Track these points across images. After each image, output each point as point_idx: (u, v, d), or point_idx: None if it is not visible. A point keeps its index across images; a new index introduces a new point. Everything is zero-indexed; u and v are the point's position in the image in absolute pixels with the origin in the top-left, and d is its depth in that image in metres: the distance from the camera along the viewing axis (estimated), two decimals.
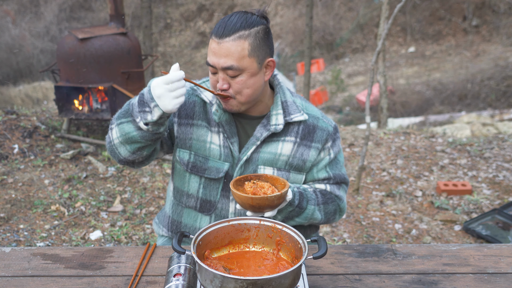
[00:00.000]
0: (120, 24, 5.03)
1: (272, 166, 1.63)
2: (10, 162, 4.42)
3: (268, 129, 1.60)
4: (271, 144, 1.62)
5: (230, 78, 1.49)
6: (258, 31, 1.47)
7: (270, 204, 1.42)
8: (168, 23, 20.11)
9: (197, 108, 1.65)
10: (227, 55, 1.45)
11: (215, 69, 1.49)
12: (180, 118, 1.65)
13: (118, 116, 1.53)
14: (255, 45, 1.47)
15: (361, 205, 4.01)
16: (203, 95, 1.64)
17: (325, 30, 18.22)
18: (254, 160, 1.62)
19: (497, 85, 12.90)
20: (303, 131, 1.64)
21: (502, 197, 4.10)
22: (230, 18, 1.46)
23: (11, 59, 14.85)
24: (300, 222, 1.65)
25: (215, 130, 1.63)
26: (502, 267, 1.47)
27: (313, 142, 1.65)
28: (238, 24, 1.45)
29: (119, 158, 1.59)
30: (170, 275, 1.30)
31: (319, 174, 1.68)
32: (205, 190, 1.66)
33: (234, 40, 1.44)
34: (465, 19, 16.83)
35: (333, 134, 1.68)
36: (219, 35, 1.45)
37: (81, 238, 3.43)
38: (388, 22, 4.17)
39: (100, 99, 4.79)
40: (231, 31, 1.44)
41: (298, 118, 1.61)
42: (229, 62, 1.45)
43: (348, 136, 5.58)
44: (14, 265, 1.46)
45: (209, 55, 1.49)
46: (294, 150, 1.63)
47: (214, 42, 1.46)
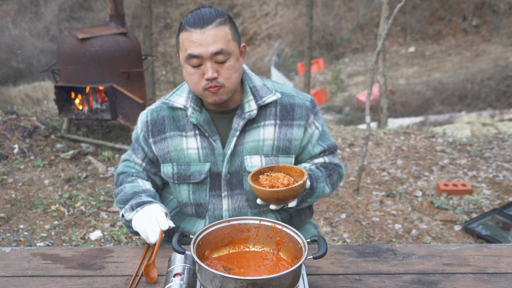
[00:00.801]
0: (120, 24, 5.03)
1: (258, 153, 1.63)
2: (10, 162, 4.42)
3: (243, 117, 1.60)
4: (252, 132, 1.63)
5: (218, 65, 1.48)
6: (229, 18, 1.51)
7: (294, 194, 1.42)
8: (168, 23, 20.11)
9: (167, 121, 1.66)
10: (214, 41, 1.45)
11: (201, 59, 1.47)
12: (154, 137, 1.67)
13: (119, 200, 1.66)
14: (233, 30, 1.50)
15: (361, 205, 4.01)
16: (176, 103, 1.63)
17: (325, 30, 18.22)
18: (239, 152, 1.63)
19: (497, 85, 12.90)
20: (281, 112, 1.65)
21: (502, 197, 4.10)
22: (201, 11, 1.48)
23: (11, 59, 14.85)
24: (312, 201, 1.69)
25: (190, 134, 1.64)
26: (502, 267, 1.47)
27: (294, 120, 1.65)
28: (214, 13, 1.47)
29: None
30: (170, 275, 1.30)
31: (315, 149, 1.72)
32: (194, 195, 1.68)
33: (216, 26, 1.46)
34: (465, 19, 16.83)
35: (312, 108, 1.69)
36: (200, 25, 1.45)
37: (81, 238, 3.43)
38: (388, 22, 4.17)
39: (100, 99, 4.79)
40: (210, 19, 1.45)
41: (271, 99, 1.61)
42: (219, 46, 1.45)
43: (348, 136, 5.58)
44: (14, 265, 1.46)
45: (191, 47, 1.46)
46: (277, 132, 1.64)
47: (196, 33, 1.45)
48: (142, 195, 1.61)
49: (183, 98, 1.64)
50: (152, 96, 7.34)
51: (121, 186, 1.69)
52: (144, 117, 1.71)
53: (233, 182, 1.65)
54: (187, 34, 1.47)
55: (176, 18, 20.37)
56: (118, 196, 1.66)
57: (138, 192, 1.62)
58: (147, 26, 6.95)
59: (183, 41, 1.49)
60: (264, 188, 1.41)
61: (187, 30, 1.47)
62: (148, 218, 1.49)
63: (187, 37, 1.47)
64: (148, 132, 1.68)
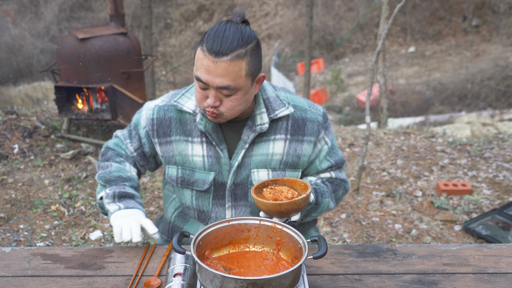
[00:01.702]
0: (120, 24, 5.03)
1: (265, 167, 1.60)
2: (10, 162, 4.42)
3: (254, 130, 1.55)
4: (262, 145, 1.58)
5: (223, 96, 1.43)
6: (253, 48, 1.40)
7: (297, 208, 1.40)
8: (168, 23, 20.11)
9: (173, 124, 1.61)
10: (223, 75, 1.37)
11: (205, 85, 1.42)
12: (159, 138, 1.62)
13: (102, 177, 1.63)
14: (251, 64, 1.41)
15: (361, 205, 4.01)
16: (185, 107, 1.58)
17: (325, 30, 18.22)
18: (246, 164, 1.59)
19: (497, 85, 12.90)
20: (293, 126, 1.60)
21: (502, 197, 4.10)
22: (225, 33, 1.37)
23: (11, 59, 14.85)
24: (316, 216, 1.67)
25: (197, 141, 1.59)
26: (502, 267, 1.47)
27: (305, 136, 1.61)
28: (235, 42, 1.36)
29: None
30: (170, 275, 1.30)
31: (322, 165, 1.68)
32: (197, 201, 1.66)
33: (231, 60, 1.36)
34: (465, 19, 16.83)
35: (323, 122, 1.64)
36: (214, 52, 1.35)
37: (81, 238, 3.43)
38: (388, 22, 4.16)
39: (100, 99, 4.79)
40: (229, 49, 1.35)
41: (284, 113, 1.56)
42: (226, 82, 1.38)
43: (348, 136, 5.58)
44: (14, 265, 1.46)
45: (200, 70, 1.40)
46: (287, 147, 1.59)
47: (208, 60, 1.36)
48: (126, 184, 1.59)
49: (192, 102, 1.59)
50: (152, 96, 7.33)
51: (108, 162, 1.66)
52: (150, 113, 1.64)
53: (238, 194, 1.62)
54: (202, 55, 1.39)
55: (176, 18, 20.37)
56: (101, 171, 1.63)
57: (123, 178, 1.60)
58: (147, 26, 6.95)
59: (197, 58, 1.41)
60: (266, 201, 1.39)
61: (203, 50, 1.38)
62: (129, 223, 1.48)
63: (200, 57, 1.39)
64: (153, 131, 1.63)
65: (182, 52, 18.70)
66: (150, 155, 1.70)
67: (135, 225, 1.47)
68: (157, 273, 1.41)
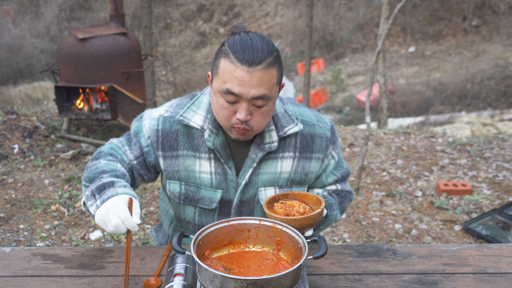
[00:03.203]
0: (120, 24, 5.03)
1: (273, 185, 1.57)
2: (10, 162, 4.42)
3: (262, 148, 1.51)
4: (270, 163, 1.54)
5: (254, 107, 1.38)
6: (278, 55, 1.38)
7: (312, 223, 1.39)
8: (168, 23, 20.11)
9: (181, 138, 1.53)
10: (259, 84, 1.33)
11: (238, 98, 1.35)
12: (164, 151, 1.54)
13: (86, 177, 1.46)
14: (279, 71, 1.39)
15: (361, 205, 4.01)
16: (192, 122, 1.50)
17: (325, 30, 18.23)
18: (254, 183, 1.55)
19: (497, 85, 12.91)
20: (301, 143, 1.56)
21: (502, 197, 4.10)
22: (253, 42, 1.33)
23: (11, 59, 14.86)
24: (323, 228, 1.65)
25: (204, 157, 1.52)
26: (502, 267, 1.47)
27: (314, 153, 1.58)
28: (265, 50, 1.33)
29: None
30: (170, 275, 1.30)
31: (329, 179, 1.66)
32: (200, 218, 1.61)
33: (265, 68, 1.33)
34: (465, 19, 16.83)
35: (331, 137, 1.61)
36: (249, 62, 1.31)
37: (81, 238, 3.43)
38: (388, 22, 4.16)
39: (100, 99, 4.79)
40: (261, 58, 1.32)
41: (293, 130, 1.52)
42: (262, 91, 1.34)
43: (348, 136, 5.58)
44: (14, 265, 1.46)
45: (232, 82, 1.33)
46: (295, 165, 1.56)
47: (242, 70, 1.31)
48: (103, 176, 1.40)
49: (200, 117, 1.51)
50: (152, 96, 7.33)
51: (96, 160, 1.50)
52: (154, 123, 1.54)
53: (243, 211, 1.59)
54: (231, 66, 1.32)
55: (176, 18, 20.37)
56: (87, 171, 1.46)
57: (105, 171, 1.42)
58: (147, 26, 6.96)
59: (224, 70, 1.34)
60: (281, 216, 1.38)
61: (232, 61, 1.32)
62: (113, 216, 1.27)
63: (230, 69, 1.33)
64: (158, 144, 1.53)
65: (182, 52, 18.71)
66: (153, 165, 1.59)
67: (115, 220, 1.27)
68: (157, 273, 1.41)
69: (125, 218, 1.26)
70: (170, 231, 1.76)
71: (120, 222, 1.26)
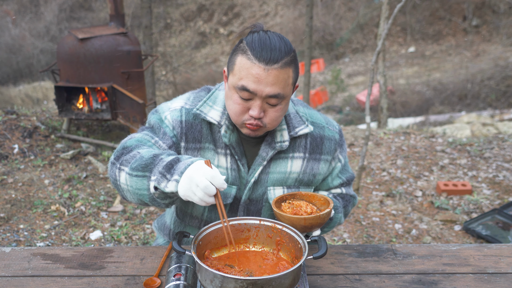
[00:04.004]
0: (120, 24, 5.03)
1: (282, 185, 1.57)
2: (10, 162, 4.42)
3: (273, 147, 1.51)
4: (280, 163, 1.55)
5: (268, 106, 1.38)
6: (295, 56, 1.38)
7: (321, 222, 1.39)
8: (168, 23, 20.11)
9: (204, 130, 1.51)
10: (274, 83, 1.33)
11: (252, 95, 1.35)
12: (187, 143, 1.51)
13: (136, 166, 1.32)
14: (295, 71, 1.39)
15: (361, 205, 4.01)
16: (209, 116, 1.49)
17: (325, 30, 18.23)
18: (263, 181, 1.55)
19: (497, 85, 12.91)
20: (311, 145, 1.57)
21: (502, 197, 4.10)
22: (271, 41, 1.34)
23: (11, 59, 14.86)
24: (327, 231, 1.65)
25: (222, 152, 1.52)
26: (502, 267, 1.47)
27: (322, 155, 1.59)
28: (283, 49, 1.34)
29: (126, 200, 1.47)
30: (170, 275, 1.30)
31: (334, 182, 1.67)
32: (210, 213, 1.60)
33: (282, 67, 1.33)
34: (465, 19, 16.83)
35: (339, 140, 1.63)
36: (266, 60, 1.31)
37: (81, 238, 3.43)
38: (388, 22, 4.16)
39: (100, 99, 4.79)
40: (279, 57, 1.32)
41: (303, 131, 1.53)
42: (276, 90, 1.34)
43: (348, 136, 5.58)
44: (14, 265, 1.46)
45: (247, 79, 1.33)
46: (304, 166, 1.57)
47: (259, 68, 1.32)
48: (162, 156, 1.32)
49: (217, 112, 1.50)
50: (152, 96, 7.33)
51: (132, 152, 1.39)
52: (177, 114, 1.51)
53: (251, 209, 1.59)
54: (248, 63, 1.33)
55: (176, 18, 20.37)
56: (131, 162, 1.34)
57: (158, 154, 1.33)
58: (147, 26, 6.96)
59: (241, 67, 1.34)
60: (291, 215, 1.38)
61: (249, 58, 1.33)
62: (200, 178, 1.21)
63: (247, 66, 1.33)
64: (182, 135, 1.50)
65: (182, 52, 18.71)
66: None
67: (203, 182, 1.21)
68: (157, 273, 1.41)
69: (212, 176, 1.22)
70: (172, 225, 1.76)
71: (208, 182, 1.21)
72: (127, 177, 1.35)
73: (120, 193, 1.44)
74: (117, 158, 1.41)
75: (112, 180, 1.43)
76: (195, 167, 1.24)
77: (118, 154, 1.42)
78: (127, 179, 1.35)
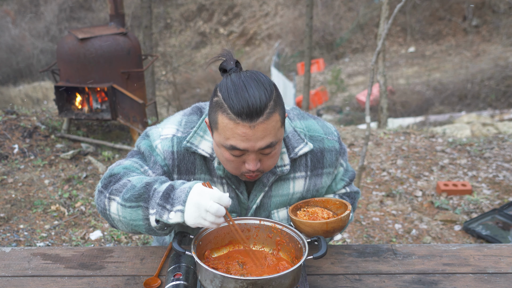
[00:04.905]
0: (120, 24, 5.03)
1: (285, 206, 1.55)
2: (10, 162, 4.42)
3: (274, 172, 1.46)
4: (281, 185, 1.51)
5: (263, 155, 1.32)
6: (277, 95, 1.28)
7: (342, 225, 1.37)
8: (168, 23, 20.12)
9: (198, 161, 1.45)
10: (264, 136, 1.25)
11: (243, 151, 1.29)
12: (180, 174, 1.45)
13: (129, 197, 1.27)
14: (281, 112, 1.30)
15: (361, 205, 4.01)
16: (200, 149, 1.42)
17: (325, 30, 18.23)
18: (266, 206, 1.52)
19: (497, 85, 12.91)
20: (312, 161, 1.53)
21: (502, 197, 4.10)
22: (249, 91, 1.22)
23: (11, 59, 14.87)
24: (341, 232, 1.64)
25: (218, 181, 1.47)
26: (502, 267, 1.47)
27: (324, 168, 1.55)
28: (264, 97, 1.22)
29: (116, 228, 1.40)
30: (170, 275, 1.30)
31: (338, 185, 1.66)
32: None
33: (267, 117, 1.24)
34: (465, 19, 16.84)
35: (340, 149, 1.58)
36: (249, 117, 1.22)
37: (81, 238, 3.43)
38: (388, 22, 4.17)
39: (100, 99, 4.79)
40: (261, 109, 1.22)
41: (303, 150, 1.47)
42: (268, 140, 1.27)
43: (348, 136, 5.58)
44: (14, 265, 1.46)
45: (235, 139, 1.25)
46: (307, 184, 1.54)
47: (244, 127, 1.23)
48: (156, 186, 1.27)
49: (208, 143, 1.44)
50: (152, 96, 7.33)
51: (122, 181, 1.34)
52: (168, 145, 1.43)
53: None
54: (231, 123, 1.23)
55: (176, 18, 20.38)
56: (122, 192, 1.29)
57: (150, 183, 1.28)
58: (147, 26, 6.96)
59: (224, 127, 1.25)
60: (312, 221, 1.36)
61: (230, 117, 1.23)
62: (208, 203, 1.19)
63: (230, 126, 1.24)
64: (174, 167, 1.44)
65: (182, 52, 18.71)
66: None
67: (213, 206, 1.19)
68: (157, 273, 1.41)
69: (219, 198, 1.19)
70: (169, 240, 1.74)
71: (218, 205, 1.18)
72: (119, 207, 1.29)
73: (110, 222, 1.38)
74: (105, 186, 1.35)
75: (100, 209, 1.36)
76: (197, 192, 1.20)
77: (106, 182, 1.37)
78: (119, 210, 1.29)
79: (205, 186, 1.22)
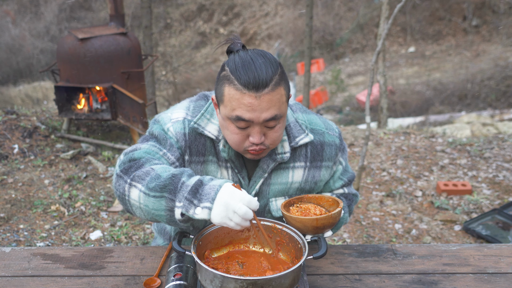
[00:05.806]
0: (120, 24, 5.03)
1: (283, 195, 1.56)
2: (10, 162, 4.42)
3: (274, 159, 1.48)
4: (281, 173, 1.53)
5: (267, 129, 1.35)
6: (282, 71, 1.34)
7: (333, 222, 1.38)
8: (168, 23, 20.11)
9: (208, 143, 1.48)
10: (269, 107, 1.30)
11: (249, 123, 1.32)
12: (191, 156, 1.47)
13: (154, 186, 1.25)
14: (286, 87, 1.35)
15: (361, 205, 4.01)
16: (206, 131, 1.46)
17: (325, 30, 18.23)
18: (265, 193, 1.54)
19: (497, 85, 12.91)
20: (312, 153, 1.55)
21: (502, 197, 4.10)
22: (255, 64, 1.28)
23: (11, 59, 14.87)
24: (334, 231, 1.64)
25: (223, 165, 1.50)
26: (502, 267, 1.47)
27: (323, 161, 1.57)
28: (270, 70, 1.29)
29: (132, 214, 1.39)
30: (170, 275, 1.30)
31: (336, 184, 1.66)
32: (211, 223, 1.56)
33: (273, 89, 1.29)
34: (465, 19, 16.84)
35: (340, 145, 1.60)
36: (255, 87, 1.27)
37: (81, 238, 3.43)
38: (388, 22, 4.16)
39: (100, 99, 4.79)
40: (267, 80, 1.27)
41: (304, 140, 1.50)
42: (273, 112, 1.31)
43: (348, 136, 5.58)
44: (14, 265, 1.46)
45: (241, 109, 1.29)
46: (306, 175, 1.56)
47: (250, 97, 1.27)
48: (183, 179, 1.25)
49: (214, 126, 1.47)
50: (152, 96, 7.33)
51: (144, 168, 1.32)
52: (180, 127, 1.46)
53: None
54: (238, 94, 1.28)
55: (176, 18, 20.37)
56: (147, 181, 1.27)
57: (176, 174, 1.27)
58: (147, 26, 6.95)
59: (231, 98, 1.30)
60: (302, 216, 1.37)
61: (237, 88, 1.28)
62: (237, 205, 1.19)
63: (237, 96, 1.29)
64: (186, 148, 1.46)
65: (182, 52, 18.71)
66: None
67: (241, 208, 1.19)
68: (157, 273, 1.41)
69: (249, 201, 1.20)
70: (172, 231, 1.75)
71: (247, 208, 1.19)
72: (141, 195, 1.27)
73: (127, 208, 1.36)
74: (125, 171, 1.33)
75: (119, 194, 1.34)
76: (228, 192, 1.20)
77: (126, 167, 1.35)
78: (141, 197, 1.28)
79: (234, 186, 1.22)
